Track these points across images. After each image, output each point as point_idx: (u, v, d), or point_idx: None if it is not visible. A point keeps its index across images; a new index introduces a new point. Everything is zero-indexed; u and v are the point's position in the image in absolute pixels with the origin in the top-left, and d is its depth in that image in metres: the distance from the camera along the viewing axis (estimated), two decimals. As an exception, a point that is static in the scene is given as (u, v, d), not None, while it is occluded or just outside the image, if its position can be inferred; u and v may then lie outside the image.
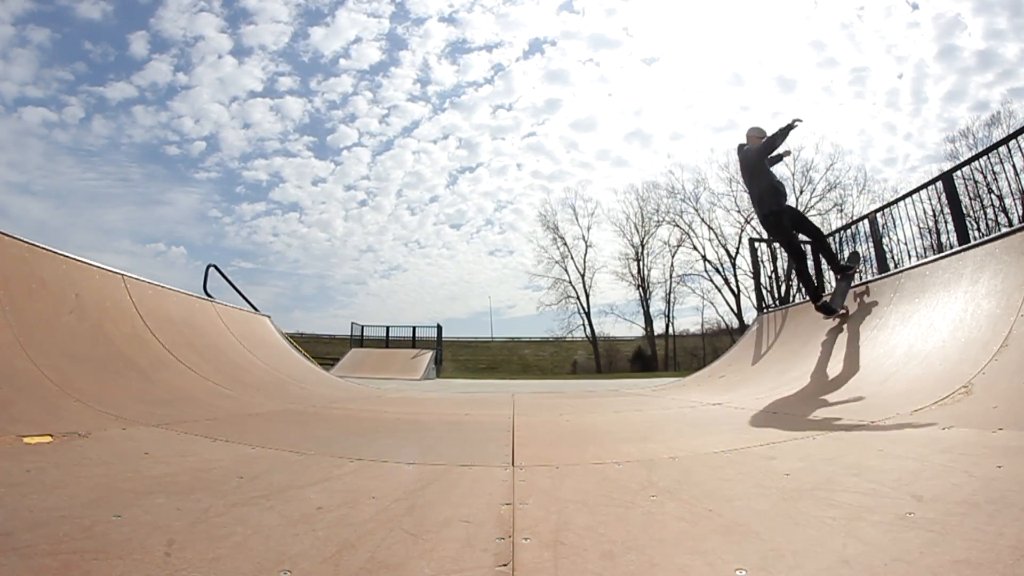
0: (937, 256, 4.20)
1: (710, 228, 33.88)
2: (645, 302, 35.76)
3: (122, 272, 4.20)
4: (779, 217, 4.86)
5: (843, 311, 4.85)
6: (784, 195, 4.92)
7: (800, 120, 4.65)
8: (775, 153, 4.93)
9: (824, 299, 4.88)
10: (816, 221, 30.48)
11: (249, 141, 43.51)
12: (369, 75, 51.11)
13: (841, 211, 30.28)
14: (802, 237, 5.27)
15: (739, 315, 32.16)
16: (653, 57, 51.56)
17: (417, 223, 47.10)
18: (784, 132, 4.63)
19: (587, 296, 36.09)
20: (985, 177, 9.25)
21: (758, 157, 4.82)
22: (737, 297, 32.82)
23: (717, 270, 33.97)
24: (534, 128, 50.38)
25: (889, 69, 40.84)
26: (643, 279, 35.82)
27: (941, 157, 32.75)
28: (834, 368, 4.15)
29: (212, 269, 7.81)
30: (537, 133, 48.15)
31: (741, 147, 5.05)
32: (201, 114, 39.82)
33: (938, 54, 38.86)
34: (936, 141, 41.05)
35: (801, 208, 30.99)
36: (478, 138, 47.37)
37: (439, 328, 19.76)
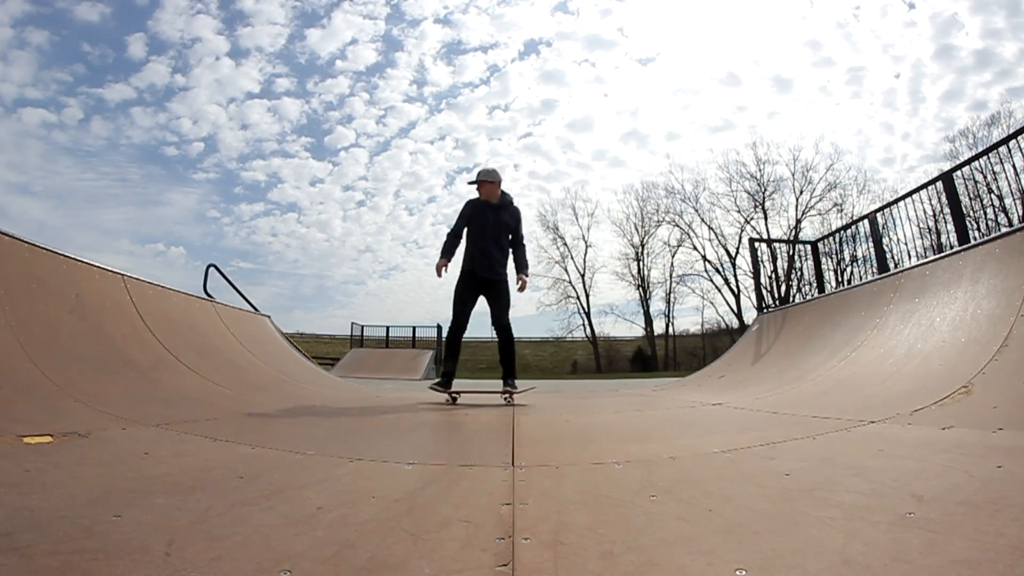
0: (937, 256, 4.20)
1: (710, 228, 33.90)
2: (645, 302, 35.78)
3: (122, 272, 4.20)
4: (494, 285, 4.57)
5: (454, 397, 4.60)
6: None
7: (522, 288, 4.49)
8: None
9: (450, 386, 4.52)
10: (816, 221, 30.54)
11: (247, 142, 43.57)
12: (366, 76, 51.23)
13: (841, 211, 30.28)
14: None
15: (739, 315, 32.17)
16: (648, 57, 51.74)
17: (415, 223, 47.21)
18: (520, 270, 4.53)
19: (587, 296, 36.10)
20: (985, 177, 9.25)
21: (510, 229, 4.54)
22: (737, 297, 32.83)
23: (717, 270, 33.99)
24: (531, 129, 50.53)
25: (886, 69, 40.88)
26: (643, 279, 35.84)
27: (939, 157, 32.82)
28: (834, 368, 4.15)
29: (212, 269, 7.82)
30: (534, 134, 48.34)
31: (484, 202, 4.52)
32: (199, 115, 39.91)
33: (935, 53, 38.91)
34: (934, 141, 41.07)
35: (801, 208, 30.98)
36: (475, 139, 47.50)
37: (439, 328, 19.77)
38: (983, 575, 0.91)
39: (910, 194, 6.22)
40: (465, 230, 4.57)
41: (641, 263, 35.87)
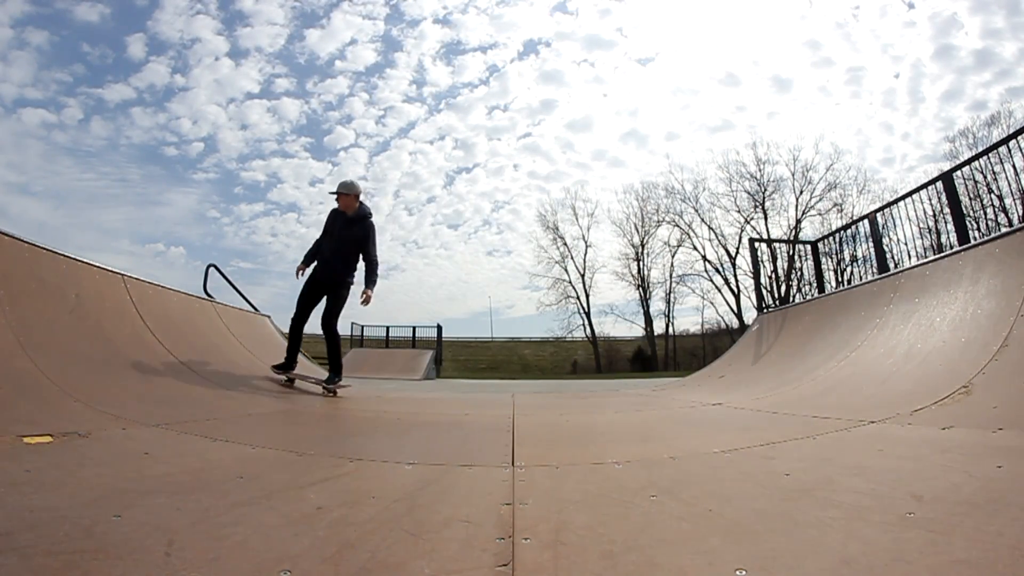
0: (937, 256, 4.20)
1: (710, 228, 33.89)
2: (645, 302, 35.79)
3: (122, 272, 4.19)
4: (332, 289, 4.75)
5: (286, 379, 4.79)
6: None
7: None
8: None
9: (289, 371, 4.75)
10: (816, 221, 30.56)
11: (247, 142, 43.59)
12: (365, 76, 51.27)
13: (841, 211, 30.27)
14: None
15: (739, 315, 32.17)
16: (648, 57, 51.78)
17: (415, 223, 47.22)
18: (368, 280, 4.66)
19: (587, 296, 36.11)
20: (985, 177, 9.26)
21: (357, 241, 4.67)
22: (737, 297, 32.83)
23: (717, 270, 33.99)
24: (530, 129, 50.55)
25: (885, 69, 40.89)
26: (643, 279, 35.84)
27: (939, 157, 32.83)
28: (834, 368, 4.15)
29: (212, 269, 7.81)
30: (533, 134, 48.35)
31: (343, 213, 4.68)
32: (199, 115, 39.95)
33: (935, 53, 38.91)
34: (934, 141, 41.04)
35: (800, 208, 31.00)
36: (474, 139, 47.53)
37: (439, 328, 19.76)
38: (983, 575, 0.91)
39: (910, 194, 6.22)
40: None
41: (641, 263, 35.91)
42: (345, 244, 4.66)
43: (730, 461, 1.96)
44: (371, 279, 4.69)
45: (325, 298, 4.77)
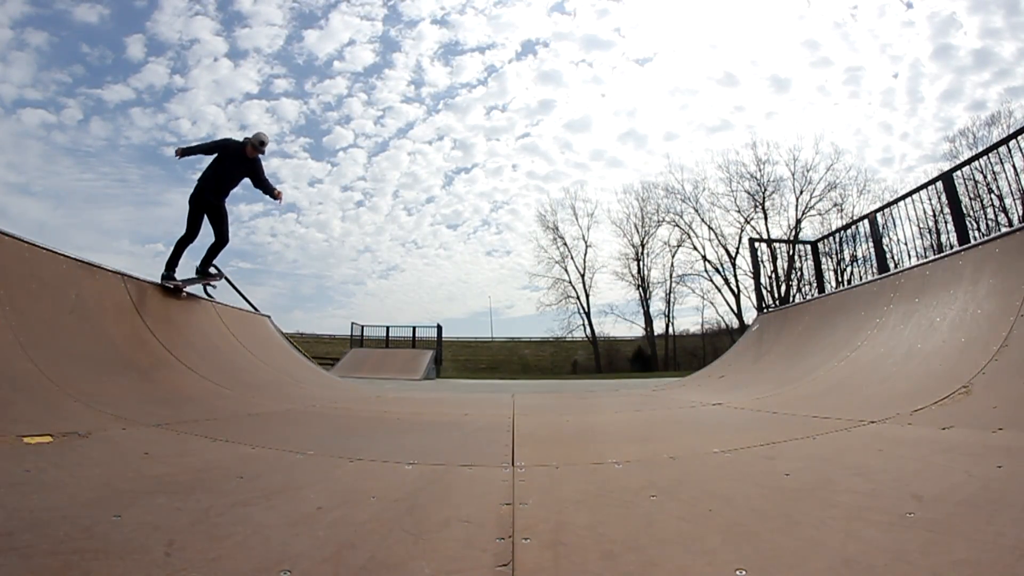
0: (937, 256, 4.20)
1: (710, 228, 33.84)
2: (645, 302, 35.74)
3: (122, 272, 4.20)
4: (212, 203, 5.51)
5: (175, 286, 5.24)
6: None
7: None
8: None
9: (174, 277, 5.27)
10: (816, 221, 30.60)
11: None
12: (363, 77, 51.09)
13: (841, 211, 30.25)
14: None
15: (739, 315, 32.12)
16: (646, 57, 51.56)
17: (414, 223, 47.14)
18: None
19: (587, 296, 36.06)
20: (985, 177, 9.26)
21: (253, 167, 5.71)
22: (737, 297, 32.78)
23: (717, 270, 33.93)
24: (528, 129, 50.34)
25: (884, 68, 40.71)
26: (643, 279, 35.79)
27: (938, 157, 32.75)
28: (834, 368, 4.15)
29: (212, 269, 7.80)
30: (531, 134, 48.14)
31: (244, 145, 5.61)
32: (198, 116, 39.86)
33: (933, 53, 38.73)
34: (933, 141, 40.93)
35: (800, 208, 30.98)
36: (473, 139, 47.38)
37: (439, 328, 19.76)
38: (983, 575, 0.91)
39: (910, 194, 6.22)
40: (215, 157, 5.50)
41: (641, 263, 35.86)
42: (237, 179, 5.69)
43: (730, 461, 1.96)
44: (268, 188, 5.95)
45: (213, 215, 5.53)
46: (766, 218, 31.91)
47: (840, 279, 13.01)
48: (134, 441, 2.06)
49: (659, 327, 35.82)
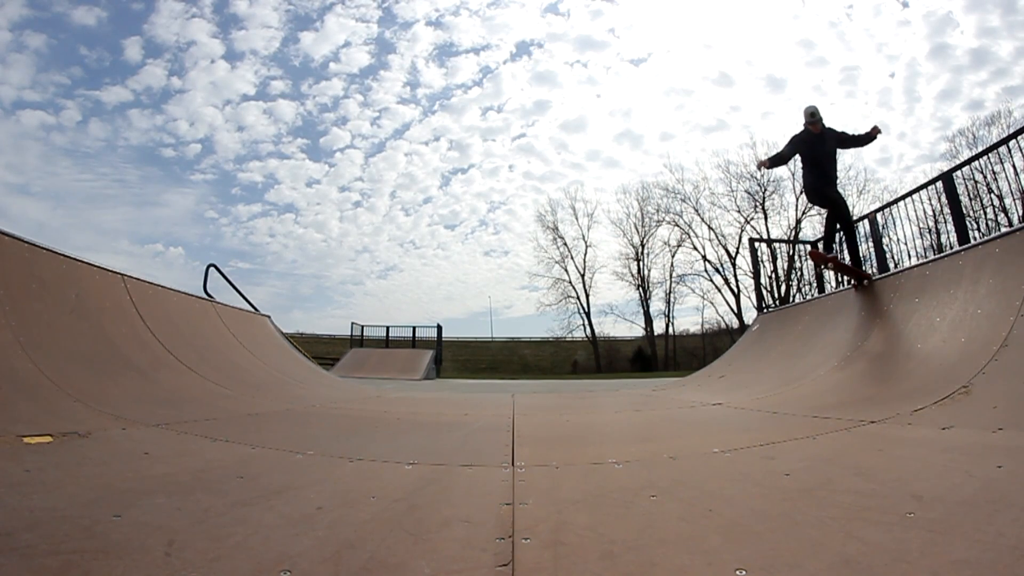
0: (937, 256, 4.20)
1: (710, 228, 33.84)
2: (645, 302, 35.75)
3: (122, 272, 4.20)
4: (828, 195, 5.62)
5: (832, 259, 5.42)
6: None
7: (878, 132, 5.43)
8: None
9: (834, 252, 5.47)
10: (816, 221, 30.64)
11: (243, 144, 43.45)
12: (359, 78, 51.04)
13: (841, 211, 30.22)
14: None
15: (739, 315, 32.12)
16: (640, 58, 51.43)
17: (412, 224, 47.15)
18: (863, 140, 5.49)
19: (587, 296, 36.08)
20: (985, 177, 9.26)
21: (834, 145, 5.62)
22: (737, 297, 32.79)
23: (717, 270, 33.93)
24: (524, 129, 50.27)
25: (880, 68, 40.69)
26: (643, 279, 35.80)
27: (936, 156, 32.76)
28: (834, 368, 4.15)
29: (212, 269, 7.81)
30: (527, 134, 48.10)
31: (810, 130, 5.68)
32: (195, 117, 39.88)
33: (930, 52, 38.64)
34: (930, 140, 40.87)
35: (800, 208, 30.99)
36: (469, 140, 47.39)
37: (439, 328, 19.75)
38: (983, 575, 0.91)
39: (910, 194, 6.22)
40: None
41: (641, 263, 35.87)
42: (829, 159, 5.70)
43: (730, 461, 1.96)
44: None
45: None
46: (766, 218, 31.92)
47: (840, 279, 13.01)
48: (134, 441, 2.06)
49: (659, 327, 35.84)
